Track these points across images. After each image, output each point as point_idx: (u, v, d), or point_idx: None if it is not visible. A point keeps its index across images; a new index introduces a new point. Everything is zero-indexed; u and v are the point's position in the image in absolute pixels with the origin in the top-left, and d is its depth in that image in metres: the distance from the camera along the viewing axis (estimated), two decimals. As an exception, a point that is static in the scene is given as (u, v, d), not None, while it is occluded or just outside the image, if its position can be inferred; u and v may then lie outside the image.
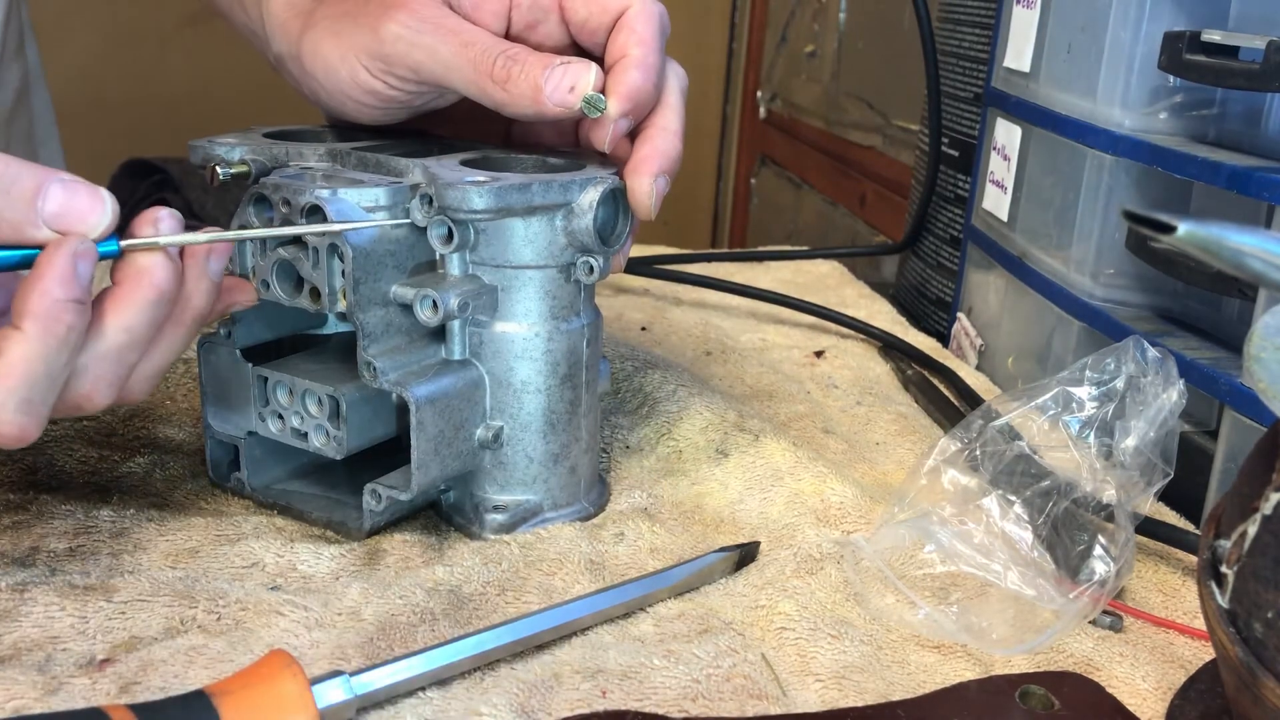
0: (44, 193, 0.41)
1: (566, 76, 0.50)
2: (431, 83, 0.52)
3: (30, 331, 0.40)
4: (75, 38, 1.93)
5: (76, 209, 0.42)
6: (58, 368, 0.41)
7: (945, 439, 0.53)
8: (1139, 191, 0.69)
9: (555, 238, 0.52)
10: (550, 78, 0.50)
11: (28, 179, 0.41)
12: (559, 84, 0.50)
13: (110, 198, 0.43)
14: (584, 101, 0.50)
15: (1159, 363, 0.51)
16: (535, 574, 0.51)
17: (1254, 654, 0.35)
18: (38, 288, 0.40)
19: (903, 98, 1.44)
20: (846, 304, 0.96)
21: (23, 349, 0.40)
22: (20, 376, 0.40)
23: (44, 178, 0.42)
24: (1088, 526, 0.50)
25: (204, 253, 0.46)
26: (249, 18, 0.60)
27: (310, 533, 0.54)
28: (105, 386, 0.43)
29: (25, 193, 0.41)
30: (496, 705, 0.42)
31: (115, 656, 0.44)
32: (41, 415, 0.41)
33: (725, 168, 2.35)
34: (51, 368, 0.41)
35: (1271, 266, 0.31)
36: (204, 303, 0.46)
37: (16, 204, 0.41)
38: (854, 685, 0.45)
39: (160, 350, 0.45)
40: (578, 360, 0.54)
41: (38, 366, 0.40)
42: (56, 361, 0.41)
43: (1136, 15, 0.67)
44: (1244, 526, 0.36)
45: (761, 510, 0.59)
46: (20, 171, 0.41)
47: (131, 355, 0.44)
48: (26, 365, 0.40)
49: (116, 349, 0.43)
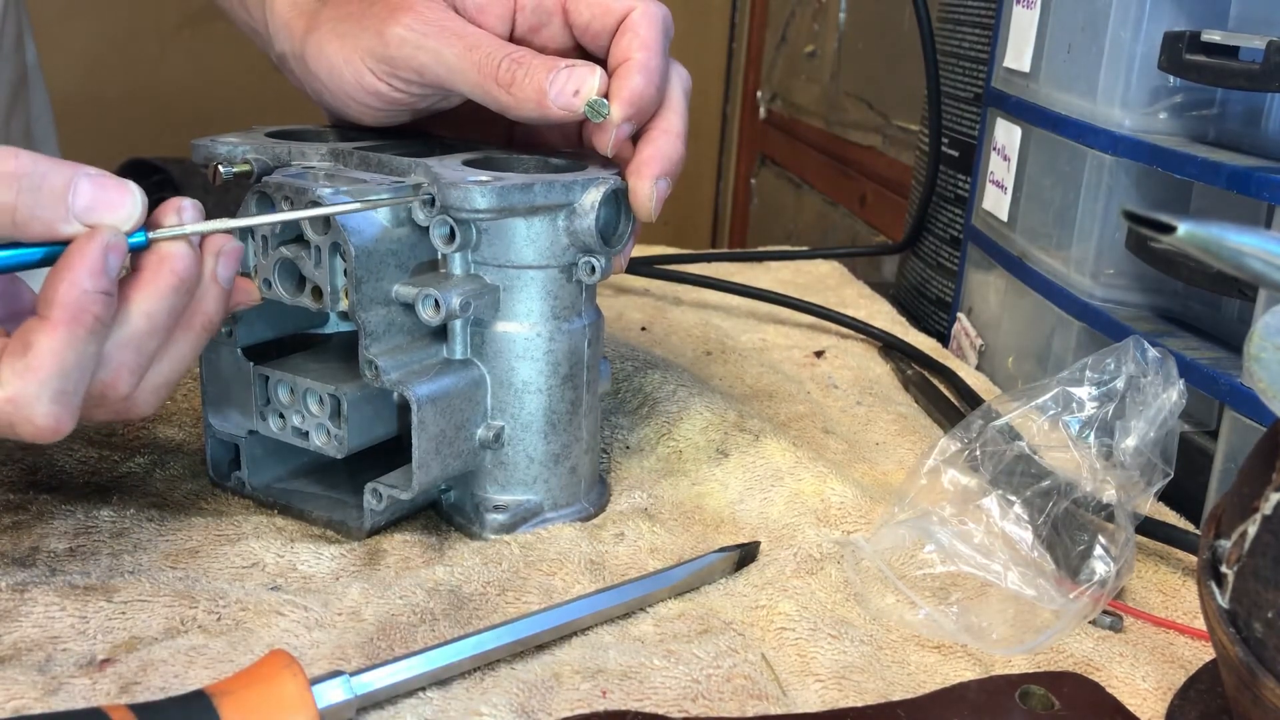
0: (74, 188, 0.41)
1: (570, 80, 0.50)
2: (436, 85, 0.52)
3: (58, 320, 0.40)
4: (75, 37, 1.93)
5: (107, 202, 0.42)
6: (88, 357, 0.41)
7: (945, 439, 0.53)
8: (1139, 191, 0.69)
9: (557, 238, 0.52)
10: (554, 81, 0.50)
11: (57, 175, 0.41)
12: (563, 87, 0.50)
13: (138, 190, 0.43)
14: (587, 106, 0.50)
15: (1159, 363, 0.51)
16: (535, 574, 0.51)
17: (1254, 654, 0.35)
18: (67, 278, 0.40)
19: (903, 98, 1.44)
20: (846, 304, 0.96)
21: (51, 339, 0.40)
22: (51, 368, 0.40)
23: (73, 173, 0.42)
24: (1088, 526, 0.50)
25: (214, 256, 0.46)
26: (251, 17, 0.60)
27: (310, 533, 0.54)
28: (128, 374, 0.43)
29: (56, 189, 0.41)
30: (496, 705, 0.42)
31: (115, 656, 0.44)
32: (75, 406, 0.41)
33: (725, 168, 2.35)
34: (82, 357, 0.41)
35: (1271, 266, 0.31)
36: (213, 308, 0.46)
37: (47, 201, 0.41)
38: (854, 685, 0.45)
39: (169, 357, 0.45)
40: (579, 360, 0.54)
41: (68, 356, 0.40)
42: (86, 351, 0.41)
43: (1136, 15, 0.67)
44: (1244, 526, 0.36)
45: (761, 510, 0.59)
46: (49, 168, 0.41)
47: (152, 343, 0.44)
48: (56, 355, 0.40)
49: (139, 335, 0.43)
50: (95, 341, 0.41)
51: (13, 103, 0.89)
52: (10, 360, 0.40)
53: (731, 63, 2.30)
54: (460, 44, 0.51)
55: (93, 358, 0.41)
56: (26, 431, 0.41)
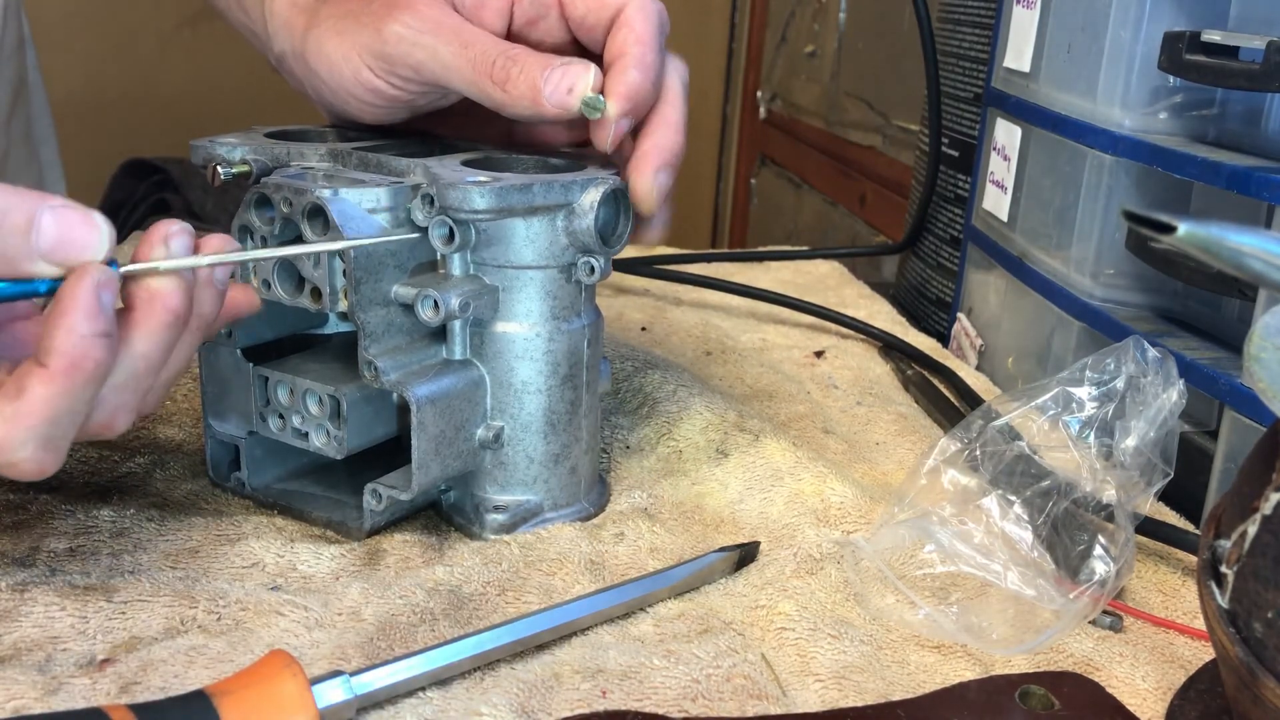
0: (36, 226, 0.39)
1: (565, 78, 0.50)
2: (433, 83, 0.52)
3: (56, 369, 0.39)
4: (75, 38, 1.93)
5: (73, 240, 0.40)
6: (82, 404, 0.40)
7: (945, 439, 0.53)
8: (1139, 191, 0.69)
9: (556, 238, 0.52)
10: (549, 79, 0.50)
11: (18, 212, 0.39)
12: (557, 85, 0.50)
13: (104, 220, 0.41)
14: (583, 103, 0.50)
15: (1159, 363, 0.51)
16: (535, 574, 0.51)
17: (1254, 654, 0.35)
18: (63, 324, 0.39)
19: (903, 98, 1.44)
20: (846, 304, 0.96)
21: (46, 388, 0.39)
22: (41, 415, 0.39)
23: (34, 208, 0.40)
24: (1088, 526, 0.50)
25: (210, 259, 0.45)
26: (249, 18, 0.60)
27: (310, 533, 0.54)
28: (125, 414, 0.43)
29: (17, 227, 0.39)
30: (496, 705, 0.42)
31: (115, 656, 0.44)
32: (62, 450, 0.41)
33: (725, 168, 2.35)
34: (75, 404, 0.40)
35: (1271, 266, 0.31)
36: (210, 310, 0.45)
37: (9, 239, 0.39)
38: (854, 685, 0.45)
39: (170, 363, 0.45)
40: (578, 361, 0.54)
41: (61, 404, 0.39)
42: (82, 398, 0.40)
43: (1136, 15, 0.67)
44: (1244, 526, 0.36)
45: (761, 510, 0.59)
46: (9, 203, 0.39)
47: (148, 380, 0.43)
48: (49, 404, 0.39)
49: (134, 376, 0.42)
50: (93, 387, 0.40)
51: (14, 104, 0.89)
52: (1, 404, 0.39)
53: (731, 63, 2.30)
54: (456, 41, 0.51)
55: (87, 403, 0.40)
56: (8, 472, 0.40)
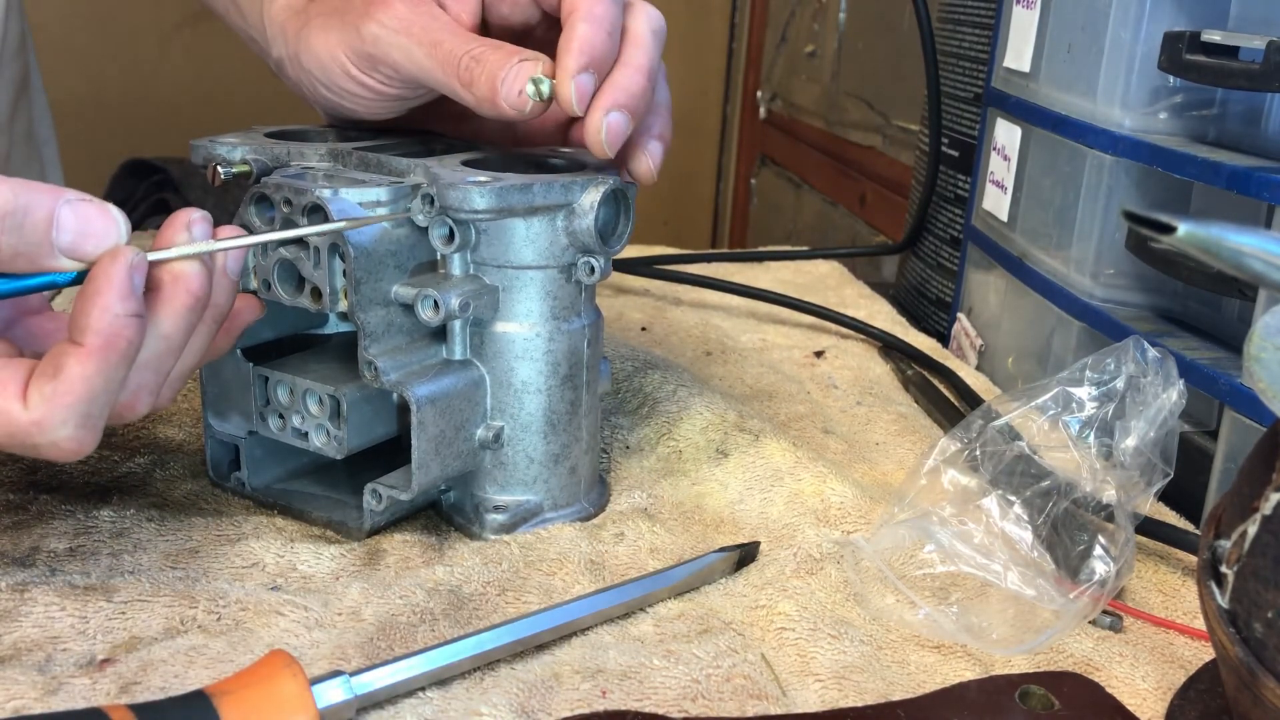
0: (57, 222, 0.41)
1: (518, 78, 0.49)
2: (413, 82, 0.52)
3: (93, 347, 0.40)
4: (75, 38, 1.93)
5: (92, 233, 0.41)
6: (115, 383, 0.41)
7: (945, 439, 0.53)
8: (1139, 191, 0.69)
9: (556, 238, 0.52)
10: (505, 80, 0.49)
11: (39, 209, 0.41)
12: (510, 86, 0.49)
13: (119, 212, 0.42)
14: (530, 84, 0.49)
15: (1159, 363, 0.51)
16: (535, 574, 0.51)
17: (1254, 654, 0.35)
18: (99, 303, 0.40)
19: (903, 98, 1.44)
20: (846, 304, 0.96)
21: (83, 366, 0.40)
22: (80, 393, 0.40)
23: (54, 203, 0.41)
24: (1088, 526, 0.50)
25: (222, 254, 0.46)
26: (247, 23, 0.60)
27: (310, 533, 0.54)
28: (146, 394, 0.44)
29: (39, 223, 0.41)
30: (496, 705, 0.42)
31: (115, 656, 0.44)
32: (99, 429, 0.41)
33: (725, 168, 2.35)
34: (110, 382, 0.41)
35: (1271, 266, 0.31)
36: (224, 300, 0.46)
37: (31, 237, 0.41)
38: (854, 685, 0.45)
39: (187, 355, 0.45)
40: (578, 361, 0.54)
41: (97, 382, 0.40)
42: (116, 376, 0.41)
43: (1136, 15, 0.67)
44: (1244, 526, 0.36)
45: (761, 510, 0.59)
46: (30, 200, 0.41)
47: (169, 361, 0.44)
48: (87, 382, 0.40)
49: (156, 356, 0.43)
50: (125, 365, 0.41)
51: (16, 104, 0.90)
52: (39, 384, 0.40)
53: (731, 63, 2.30)
54: (427, 41, 0.50)
55: (120, 382, 0.41)
56: (50, 453, 0.41)
